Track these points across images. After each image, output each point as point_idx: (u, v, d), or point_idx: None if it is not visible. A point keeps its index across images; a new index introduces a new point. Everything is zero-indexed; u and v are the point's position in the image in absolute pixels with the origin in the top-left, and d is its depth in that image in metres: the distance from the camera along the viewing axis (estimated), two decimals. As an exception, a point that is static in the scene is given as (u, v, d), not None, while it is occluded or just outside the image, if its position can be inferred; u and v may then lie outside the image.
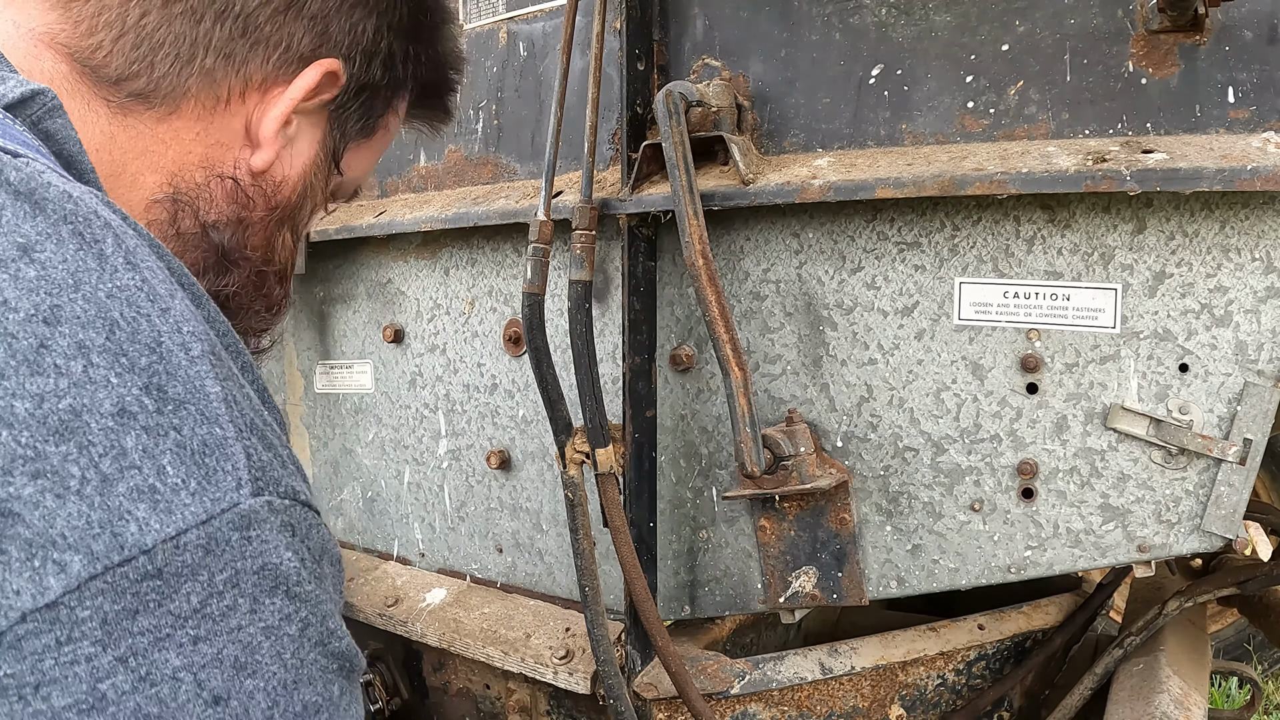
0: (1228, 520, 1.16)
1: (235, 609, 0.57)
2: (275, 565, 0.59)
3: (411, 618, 1.66)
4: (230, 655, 0.57)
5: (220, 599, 0.56)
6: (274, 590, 0.59)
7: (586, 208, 1.33)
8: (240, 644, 0.57)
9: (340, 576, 0.69)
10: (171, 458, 0.56)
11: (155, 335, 0.58)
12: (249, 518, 0.58)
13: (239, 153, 0.87)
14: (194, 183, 0.85)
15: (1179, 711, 1.28)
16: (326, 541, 0.66)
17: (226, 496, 0.57)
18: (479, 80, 1.64)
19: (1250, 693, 1.64)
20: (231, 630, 0.57)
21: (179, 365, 0.59)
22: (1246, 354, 1.14)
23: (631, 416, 1.40)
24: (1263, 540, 2.84)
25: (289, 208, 0.93)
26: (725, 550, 1.44)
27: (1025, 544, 1.27)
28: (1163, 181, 1.07)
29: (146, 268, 0.61)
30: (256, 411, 0.64)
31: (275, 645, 0.59)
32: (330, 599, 0.65)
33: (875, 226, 1.29)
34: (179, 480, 0.56)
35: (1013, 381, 1.25)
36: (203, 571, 0.56)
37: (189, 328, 0.61)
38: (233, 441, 0.59)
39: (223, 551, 0.56)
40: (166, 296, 0.61)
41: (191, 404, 0.58)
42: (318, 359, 1.92)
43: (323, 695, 0.62)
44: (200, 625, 0.56)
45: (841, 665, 1.44)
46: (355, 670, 0.68)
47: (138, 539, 0.53)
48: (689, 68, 1.41)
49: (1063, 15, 1.19)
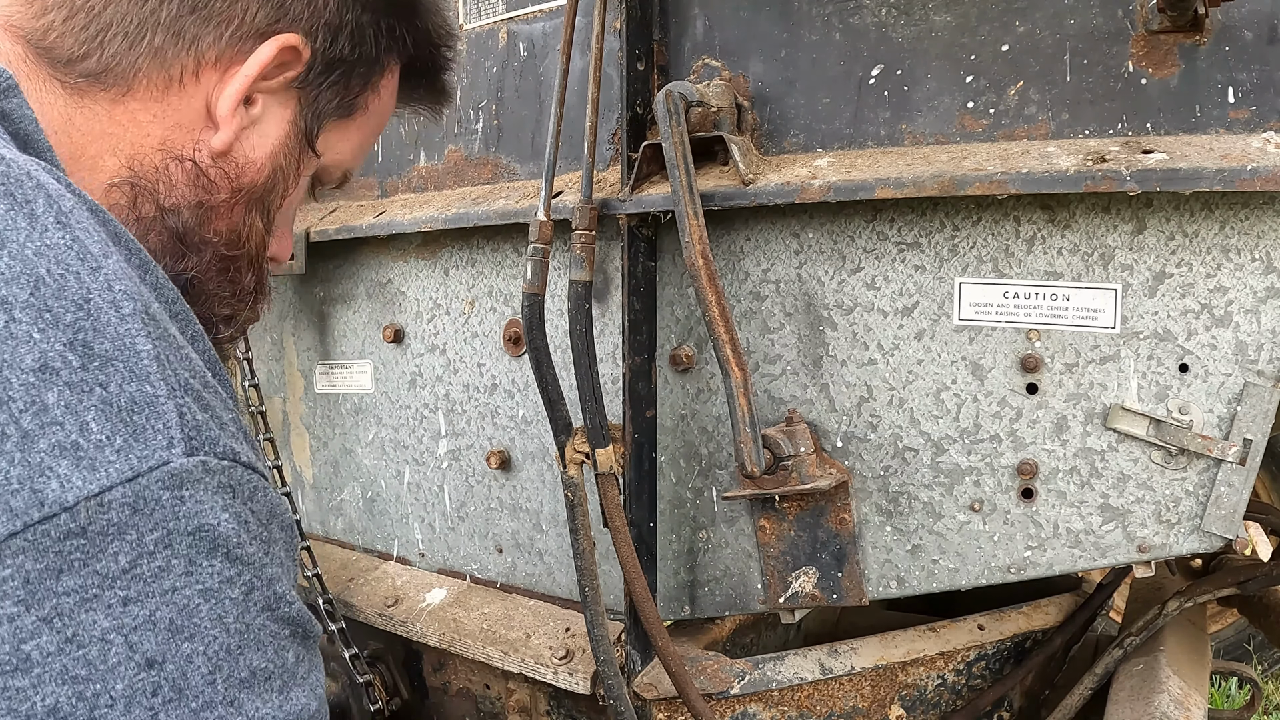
0: (1228, 520, 1.16)
1: (169, 570, 0.55)
2: (212, 526, 0.57)
3: (411, 618, 1.66)
4: (165, 617, 0.55)
5: (152, 559, 0.55)
6: (212, 552, 0.57)
7: (586, 208, 1.33)
8: (175, 606, 0.55)
9: (293, 541, 0.67)
10: (96, 414, 0.54)
11: (83, 292, 0.57)
12: (181, 477, 0.56)
13: (200, 134, 0.84)
14: (152, 166, 0.82)
15: (1179, 711, 1.28)
16: (275, 505, 0.64)
17: (155, 454, 0.55)
18: (479, 80, 1.64)
19: (1250, 693, 1.64)
20: (165, 592, 0.55)
21: (107, 322, 0.57)
22: (1246, 354, 1.14)
23: (631, 416, 1.40)
24: (1263, 540, 2.84)
25: (256, 191, 0.89)
26: (725, 550, 1.44)
27: (1025, 544, 1.27)
28: (1163, 182, 1.07)
29: (81, 228, 0.59)
30: (196, 374, 0.61)
31: (215, 609, 0.57)
32: (280, 563, 0.63)
33: (875, 227, 1.29)
34: (103, 437, 0.54)
35: (1013, 381, 1.25)
36: (130, 531, 0.54)
37: (121, 287, 0.59)
38: (164, 400, 0.57)
39: (152, 510, 0.55)
40: (99, 256, 0.59)
41: (120, 361, 0.56)
42: (318, 359, 1.92)
43: (273, 661, 0.61)
44: (130, 586, 0.54)
45: (841, 665, 1.44)
46: (311, 636, 0.66)
47: (59, 496, 0.52)
48: (689, 68, 1.41)
49: (1063, 15, 1.19)
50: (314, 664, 0.66)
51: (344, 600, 1.76)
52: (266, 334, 2.04)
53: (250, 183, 0.88)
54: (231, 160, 0.86)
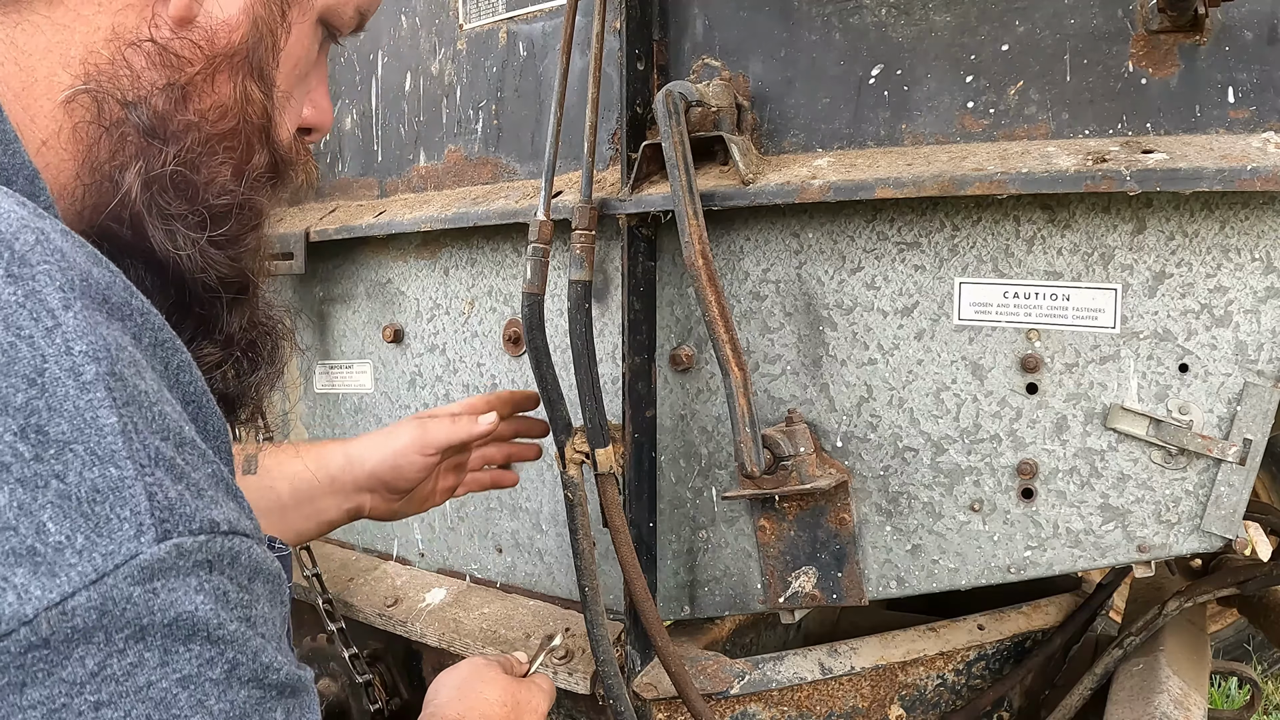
0: (1227, 520, 1.16)
1: (142, 665, 0.51)
2: (190, 614, 0.53)
3: (411, 618, 1.66)
4: (140, 715, 0.51)
5: (122, 657, 0.51)
6: (190, 639, 0.53)
7: (586, 207, 1.33)
8: (152, 701, 0.51)
9: (280, 591, 0.63)
10: (53, 512, 0.49)
11: (37, 363, 0.51)
12: (152, 568, 0.51)
13: (153, 8, 0.74)
14: (107, 62, 0.72)
15: (1179, 711, 1.28)
16: (259, 562, 0.59)
17: (123, 549, 0.51)
18: (479, 80, 1.64)
19: (1250, 693, 1.64)
20: (140, 689, 0.51)
21: (65, 397, 0.51)
22: (1246, 354, 1.14)
23: (631, 416, 1.40)
24: (1262, 540, 2.84)
25: (238, 53, 0.77)
26: (725, 550, 1.44)
27: (1025, 544, 1.27)
28: (1163, 181, 1.07)
29: (40, 273, 0.53)
30: (170, 434, 0.56)
31: (195, 694, 0.53)
32: (265, 623, 0.59)
33: (875, 226, 1.29)
34: (62, 538, 0.49)
35: (1013, 381, 1.25)
36: (98, 634, 0.50)
37: (82, 346, 0.53)
38: (131, 482, 0.52)
39: (122, 610, 0.50)
40: (57, 309, 0.53)
41: (79, 444, 0.51)
42: (317, 359, 1.92)
43: None
44: (101, 689, 0.50)
45: (841, 665, 1.44)
46: (301, 689, 0.62)
47: (16, 610, 0.47)
48: (689, 68, 1.41)
49: (1063, 15, 1.18)
50: (305, 709, 0.62)
51: (344, 600, 1.76)
52: (266, 334, 2.03)
53: (227, 45, 0.77)
54: (197, 27, 0.76)
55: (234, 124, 0.78)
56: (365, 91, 1.82)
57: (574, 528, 1.36)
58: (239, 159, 0.79)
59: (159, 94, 0.74)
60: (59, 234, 0.57)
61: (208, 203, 0.77)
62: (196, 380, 0.63)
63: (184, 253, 0.75)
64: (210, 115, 0.77)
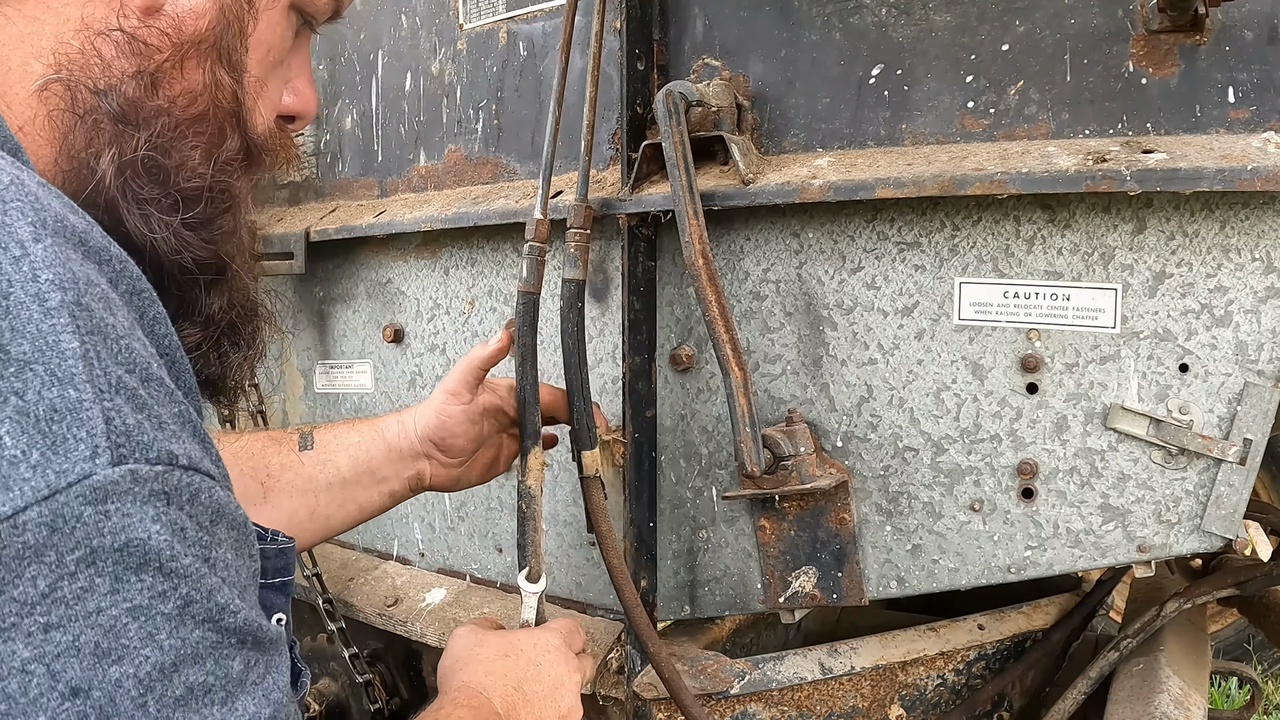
0: (1228, 520, 1.16)
1: (92, 590, 0.52)
2: (142, 540, 0.53)
3: (411, 618, 1.66)
4: (89, 641, 0.51)
5: (73, 580, 0.51)
6: (141, 567, 0.53)
7: (581, 207, 1.33)
8: (101, 628, 0.52)
9: (247, 543, 0.63)
10: (10, 427, 0.51)
11: (3, 286, 0.53)
12: (105, 490, 0.52)
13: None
14: (78, 51, 0.74)
15: (1179, 711, 1.28)
16: (221, 504, 0.59)
17: (76, 468, 0.52)
18: (479, 80, 1.64)
19: (1250, 693, 1.64)
20: (89, 614, 0.51)
21: (28, 320, 0.53)
22: (1246, 354, 1.14)
23: (631, 416, 1.40)
24: (1263, 540, 2.84)
25: (206, 39, 0.79)
26: (725, 550, 1.44)
27: (1025, 544, 1.27)
28: (1163, 181, 1.07)
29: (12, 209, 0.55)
30: (135, 368, 0.57)
31: (146, 626, 0.53)
32: (225, 567, 0.59)
33: (875, 226, 1.29)
34: (18, 452, 0.50)
35: (1013, 381, 1.25)
36: (49, 552, 0.50)
37: (50, 275, 0.54)
38: (89, 405, 0.53)
39: (73, 529, 0.51)
40: (27, 240, 0.55)
41: (39, 364, 0.52)
42: (317, 359, 1.92)
43: (214, 674, 0.57)
44: (51, 611, 0.50)
45: (841, 665, 1.44)
46: (265, 640, 0.61)
47: None
48: (689, 67, 1.41)
49: (1063, 15, 1.18)
50: (269, 666, 0.62)
51: (344, 600, 1.76)
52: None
53: (194, 33, 0.78)
54: (164, 15, 0.77)
55: (203, 109, 0.80)
56: (365, 91, 1.82)
57: (523, 543, 1.26)
58: (209, 143, 0.81)
59: (129, 81, 0.76)
60: (35, 183, 0.59)
61: (179, 186, 0.79)
62: (171, 335, 0.64)
63: (158, 235, 0.77)
64: (180, 101, 0.79)
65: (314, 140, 1.93)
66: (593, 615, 1.56)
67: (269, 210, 2.01)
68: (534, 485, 1.27)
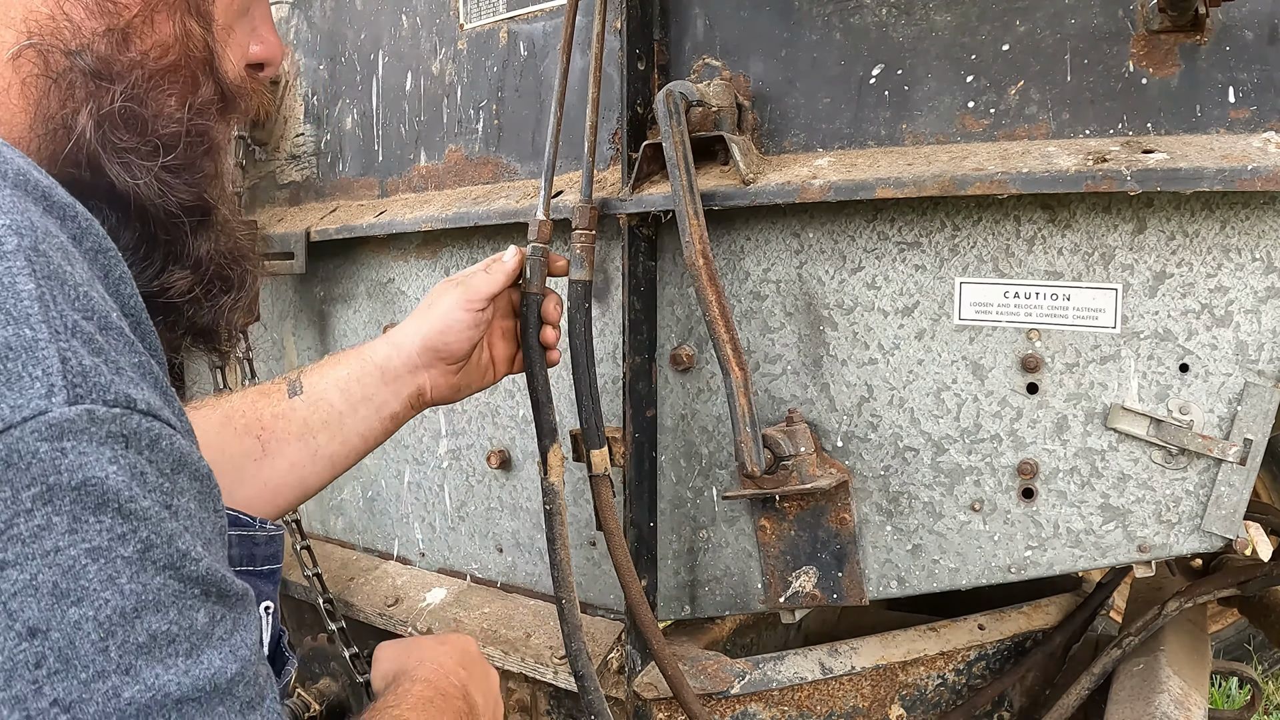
0: (1228, 520, 1.16)
1: (49, 529, 0.51)
2: (99, 480, 0.53)
3: (412, 617, 1.66)
4: (47, 581, 0.51)
5: (30, 518, 0.51)
6: (100, 508, 0.53)
7: (586, 207, 1.33)
8: (59, 568, 0.51)
9: (212, 497, 0.62)
10: None
11: None
12: (61, 427, 0.52)
13: None
14: (47, 16, 0.75)
15: (1179, 711, 1.28)
16: (183, 453, 0.59)
17: (31, 404, 0.51)
18: (479, 80, 1.64)
19: (1250, 693, 1.64)
20: (47, 553, 0.51)
21: None
22: (1247, 354, 1.14)
23: (632, 416, 1.40)
24: (1263, 540, 2.84)
25: None
26: (725, 550, 1.44)
27: (1025, 544, 1.27)
28: (1163, 181, 1.07)
29: None
30: (93, 315, 0.57)
31: (105, 569, 0.53)
32: (188, 516, 0.58)
33: (876, 226, 1.29)
34: None
35: (1013, 381, 1.25)
36: (4, 487, 0.50)
37: (5, 220, 0.55)
38: (45, 344, 0.53)
39: (28, 465, 0.51)
40: None
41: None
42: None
43: (177, 624, 0.56)
44: (7, 548, 0.50)
45: (841, 665, 1.44)
46: (231, 595, 0.60)
47: None
48: (689, 67, 1.41)
49: (1063, 15, 1.18)
50: (237, 623, 0.61)
51: (344, 600, 1.76)
52: (267, 333, 2.04)
53: None
54: None
55: (176, 59, 0.81)
56: (366, 91, 1.82)
57: (551, 537, 1.30)
58: (184, 90, 0.83)
59: (100, 39, 0.77)
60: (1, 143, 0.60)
61: (157, 132, 0.80)
62: (136, 296, 0.64)
63: (140, 181, 0.78)
64: (153, 53, 0.80)
65: (314, 140, 1.93)
66: (593, 615, 1.56)
67: (269, 210, 2.01)
68: (556, 482, 1.29)
